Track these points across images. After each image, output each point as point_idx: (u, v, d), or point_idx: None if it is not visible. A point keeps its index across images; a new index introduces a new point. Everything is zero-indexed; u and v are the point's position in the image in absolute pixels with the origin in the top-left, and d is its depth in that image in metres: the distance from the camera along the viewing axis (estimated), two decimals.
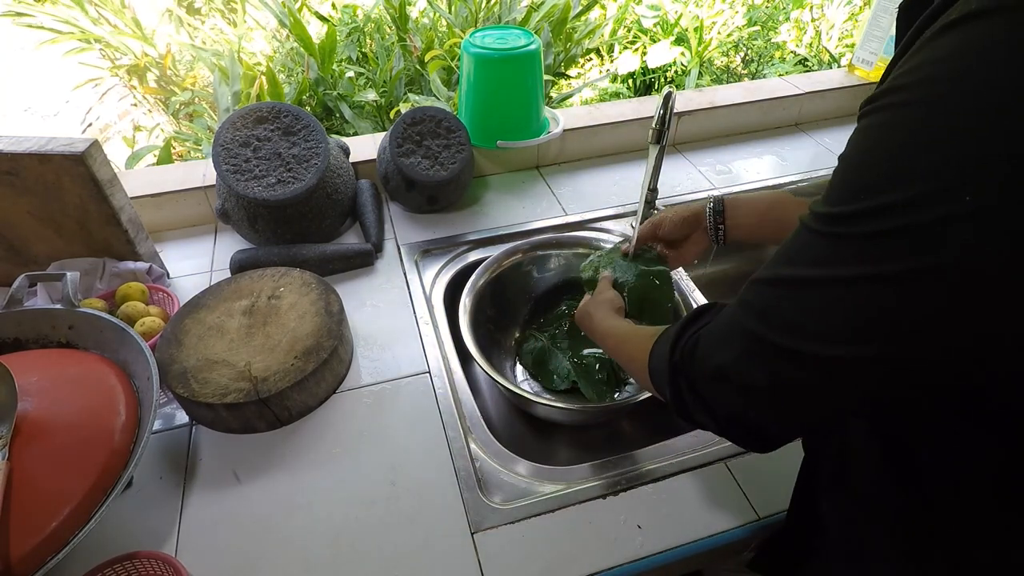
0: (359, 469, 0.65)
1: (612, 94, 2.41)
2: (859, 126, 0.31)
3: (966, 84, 0.25)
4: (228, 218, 0.92)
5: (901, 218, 0.27)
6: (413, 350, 0.78)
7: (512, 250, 0.90)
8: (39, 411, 0.56)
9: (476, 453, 0.67)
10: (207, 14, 2.49)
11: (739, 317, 0.36)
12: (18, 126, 2.52)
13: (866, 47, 1.27)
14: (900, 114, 0.28)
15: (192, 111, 2.14)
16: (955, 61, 0.26)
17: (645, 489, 0.63)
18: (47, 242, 0.81)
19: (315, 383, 0.69)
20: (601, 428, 0.85)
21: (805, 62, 2.58)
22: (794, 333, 0.32)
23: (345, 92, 1.96)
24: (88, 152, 0.72)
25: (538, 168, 1.16)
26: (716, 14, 2.62)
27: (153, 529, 0.60)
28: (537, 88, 1.05)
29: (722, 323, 0.38)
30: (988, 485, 0.35)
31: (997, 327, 0.27)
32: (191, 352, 0.69)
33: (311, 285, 0.78)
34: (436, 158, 0.98)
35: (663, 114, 0.71)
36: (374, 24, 2.20)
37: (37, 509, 0.49)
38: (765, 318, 0.34)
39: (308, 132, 0.92)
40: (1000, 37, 0.24)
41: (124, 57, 2.20)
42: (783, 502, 0.60)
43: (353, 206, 0.99)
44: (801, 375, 0.33)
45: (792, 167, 1.16)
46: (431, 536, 0.59)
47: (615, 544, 0.58)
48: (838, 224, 0.30)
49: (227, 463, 0.65)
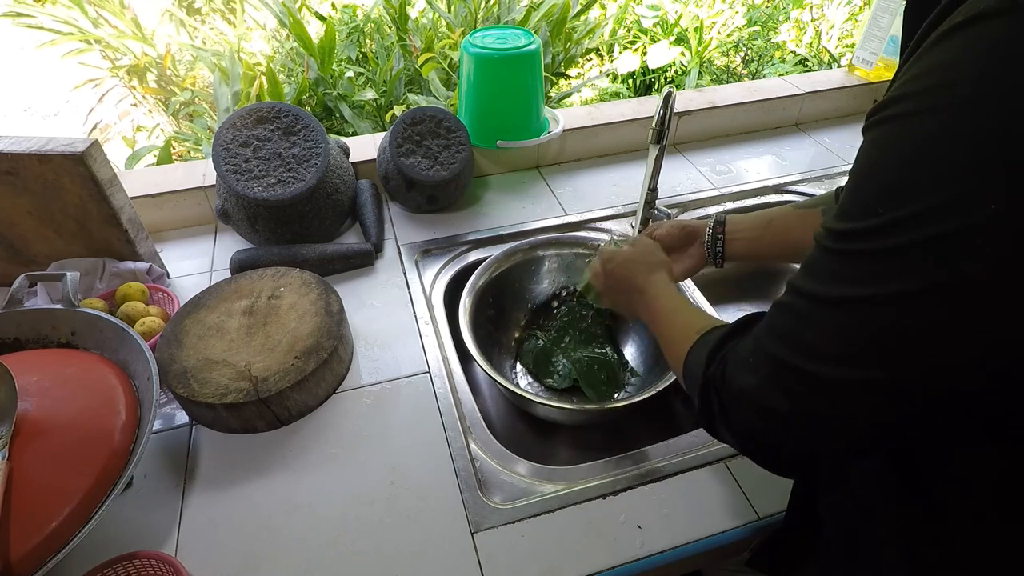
0: (359, 469, 0.65)
1: (612, 94, 2.41)
2: (868, 138, 0.30)
3: (979, 88, 0.24)
4: (228, 218, 0.92)
5: (920, 231, 0.26)
6: (413, 350, 0.78)
7: (512, 250, 0.90)
8: (39, 411, 0.56)
9: (476, 453, 0.67)
10: (207, 14, 2.49)
11: (764, 340, 0.36)
12: (18, 126, 2.52)
13: (866, 47, 1.27)
14: (910, 124, 0.27)
15: (192, 111, 2.14)
16: (965, 65, 0.25)
17: (645, 489, 0.63)
18: (47, 242, 0.81)
19: (315, 383, 0.69)
20: (601, 428, 0.85)
21: (805, 62, 2.58)
22: (813, 356, 0.31)
23: (345, 92, 1.96)
24: (88, 152, 0.72)
25: (538, 168, 1.16)
26: (716, 14, 2.62)
27: (153, 529, 0.60)
28: (537, 88, 1.05)
29: (748, 344, 0.38)
30: (988, 489, 0.35)
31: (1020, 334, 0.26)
32: (191, 352, 0.69)
33: (311, 285, 0.78)
34: (436, 158, 0.98)
35: (663, 114, 0.71)
36: (374, 24, 2.20)
37: (37, 509, 0.49)
38: (785, 341, 0.33)
39: (308, 132, 0.92)
40: (1014, 37, 0.23)
41: (124, 57, 2.20)
42: (783, 502, 0.60)
43: (353, 206, 0.99)
44: (820, 400, 0.32)
45: (792, 167, 1.16)
46: (431, 536, 0.59)
47: (615, 544, 0.58)
48: (852, 240, 0.29)
49: (227, 463, 0.65)
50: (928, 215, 0.26)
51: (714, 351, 0.42)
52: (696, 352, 0.46)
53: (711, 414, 0.41)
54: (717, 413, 0.40)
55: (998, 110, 0.24)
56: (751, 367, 0.36)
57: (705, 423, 0.43)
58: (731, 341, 0.42)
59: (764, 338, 0.36)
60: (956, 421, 0.33)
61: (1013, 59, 0.23)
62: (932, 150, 0.26)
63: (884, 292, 0.28)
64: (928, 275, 0.26)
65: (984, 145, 0.24)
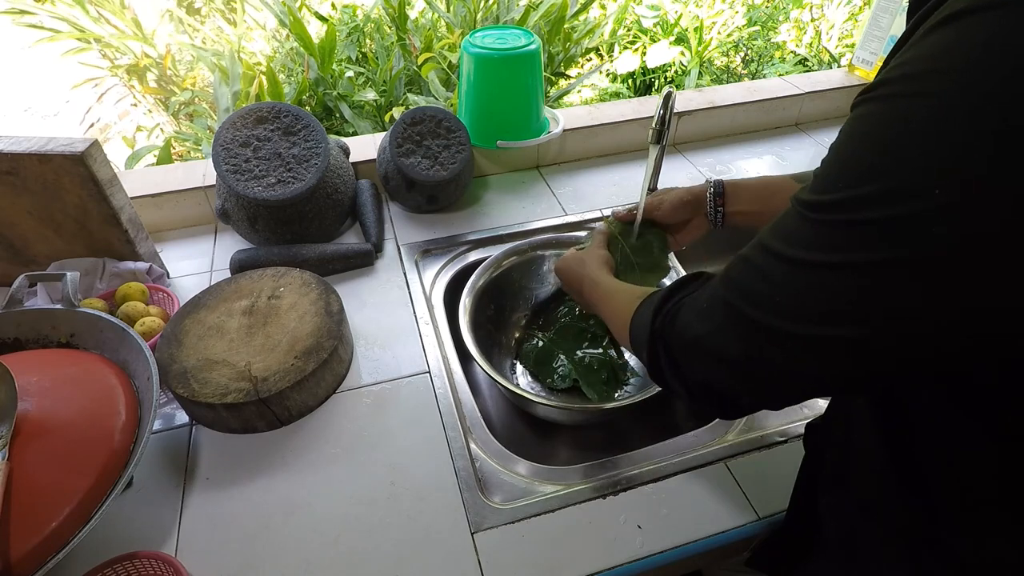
0: (359, 469, 0.65)
1: (612, 94, 2.41)
2: (850, 116, 0.31)
3: (971, 76, 0.25)
4: (228, 218, 0.92)
5: (878, 210, 0.27)
6: (413, 350, 0.78)
7: (512, 250, 0.90)
8: (39, 411, 0.56)
9: (476, 453, 0.67)
10: (207, 14, 2.49)
11: (721, 290, 0.37)
12: (18, 126, 2.52)
13: (866, 47, 1.27)
14: (886, 106, 0.28)
15: (192, 111, 2.14)
16: (958, 54, 0.25)
17: (645, 489, 0.63)
18: (47, 242, 0.81)
19: (315, 383, 0.69)
20: (601, 428, 0.85)
21: (805, 62, 2.58)
22: (770, 310, 0.33)
23: (345, 92, 1.96)
24: (88, 152, 0.72)
25: (538, 168, 1.16)
26: (716, 14, 2.62)
27: (153, 529, 0.60)
28: (537, 88, 1.05)
29: (705, 295, 0.39)
30: (989, 489, 0.35)
31: (971, 319, 0.27)
32: (191, 352, 0.69)
33: (311, 285, 0.78)
34: (436, 158, 0.98)
35: (663, 114, 0.71)
36: (374, 24, 2.20)
37: (37, 509, 0.49)
38: (744, 293, 0.35)
39: (308, 132, 0.92)
40: (1010, 29, 0.24)
41: (124, 57, 2.20)
42: (783, 502, 0.60)
43: (353, 206, 0.99)
44: (774, 350, 0.33)
45: (792, 167, 1.16)
46: (431, 536, 0.59)
47: (615, 544, 0.58)
48: (819, 211, 0.31)
49: (227, 463, 0.65)
50: (884, 196, 0.27)
51: (659, 307, 0.44)
52: (641, 313, 0.48)
53: (659, 367, 0.43)
54: (665, 366, 0.42)
55: (990, 98, 0.24)
56: (705, 315, 0.38)
57: (655, 376, 0.44)
58: (674, 297, 0.44)
59: (723, 290, 0.37)
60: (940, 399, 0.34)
61: (1009, 50, 0.24)
62: (896, 134, 0.27)
63: (840, 261, 0.29)
64: (878, 252, 0.28)
65: (941, 136, 0.25)
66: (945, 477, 0.37)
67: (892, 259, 0.27)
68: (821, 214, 0.31)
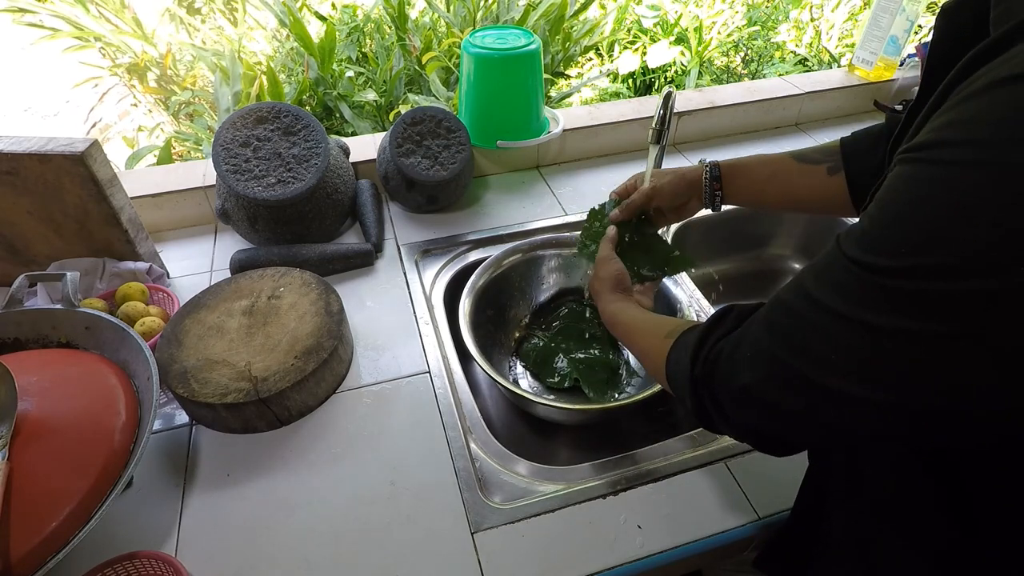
0: (359, 469, 0.65)
1: (612, 94, 2.41)
2: (902, 173, 0.30)
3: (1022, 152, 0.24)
4: (228, 218, 0.92)
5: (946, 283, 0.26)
6: (413, 350, 0.78)
7: (512, 250, 0.90)
8: (39, 411, 0.56)
9: (476, 453, 0.67)
10: (207, 14, 2.49)
11: (765, 340, 0.35)
12: (18, 126, 2.52)
13: (866, 47, 1.27)
14: (950, 172, 0.27)
15: (192, 111, 2.14)
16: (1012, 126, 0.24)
17: (645, 489, 0.63)
18: (47, 242, 0.81)
19: (315, 383, 0.69)
20: (601, 428, 0.85)
21: (805, 62, 2.58)
22: (830, 369, 0.31)
23: (345, 92, 1.96)
24: (88, 152, 0.72)
25: (538, 168, 1.16)
26: (716, 14, 2.62)
27: (153, 529, 0.60)
28: (537, 88, 1.05)
29: (747, 341, 0.38)
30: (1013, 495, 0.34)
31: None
32: (191, 352, 0.69)
33: (311, 285, 0.78)
34: (436, 158, 0.98)
35: (663, 114, 0.71)
36: (374, 24, 2.20)
37: (37, 509, 0.49)
38: (796, 349, 0.33)
39: (308, 132, 0.92)
40: None
41: (124, 56, 2.20)
42: (783, 502, 0.61)
43: (353, 206, 0.99)
44: (828, 406, 0.32)
45: None
46: (431, 536, 0.59)
47: (615, 544, 0.58)
48: (877, 275, 0.29)
49: (227, 463, 0.65)
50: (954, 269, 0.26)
51: (695, 353, 0.42)
52: (676, 359, 0.46)
53: (707, 413, 0.42)
54: (712, 411, 0.41)
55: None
56: (750, 365, 0.36)
57: (702, 422, 0.43)
58: (710, 339, 0.42)
59: (767, 338, 0.35)
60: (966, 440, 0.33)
61: None
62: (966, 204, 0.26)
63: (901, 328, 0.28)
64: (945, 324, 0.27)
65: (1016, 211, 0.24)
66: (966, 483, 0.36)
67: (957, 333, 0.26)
68: (878, 277, 0.29)
